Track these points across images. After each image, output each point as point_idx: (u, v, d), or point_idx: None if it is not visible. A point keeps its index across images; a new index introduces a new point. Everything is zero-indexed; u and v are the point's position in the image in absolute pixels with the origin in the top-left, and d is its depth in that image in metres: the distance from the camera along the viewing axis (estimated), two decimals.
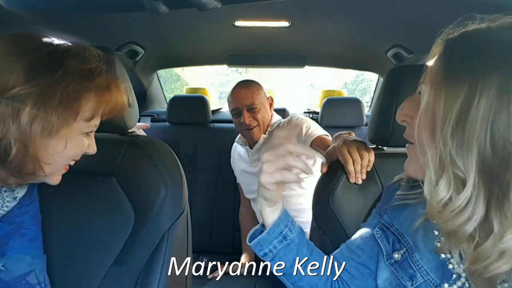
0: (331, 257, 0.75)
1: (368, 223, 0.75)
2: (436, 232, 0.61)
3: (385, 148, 1.00)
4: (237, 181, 1.81)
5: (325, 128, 2.26)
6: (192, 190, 1.93)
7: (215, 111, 2.35)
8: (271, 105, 1.65)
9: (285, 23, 1.31)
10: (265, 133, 1.61)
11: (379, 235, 0.69)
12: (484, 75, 0.44)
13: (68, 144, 0.65)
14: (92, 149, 0.72)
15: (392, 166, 0.93)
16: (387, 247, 0.68)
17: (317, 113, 2.40)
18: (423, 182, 0.52)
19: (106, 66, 0.67)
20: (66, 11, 0.57)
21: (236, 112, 1.59)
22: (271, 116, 1.66)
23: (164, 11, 0.47)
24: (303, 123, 1.48)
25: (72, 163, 0.71)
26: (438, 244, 0.60)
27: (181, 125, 2.13)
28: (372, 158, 0.92)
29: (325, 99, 2.29)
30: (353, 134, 1.02)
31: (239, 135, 1.73)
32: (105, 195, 0.91)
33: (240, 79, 1.74)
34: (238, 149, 1.77)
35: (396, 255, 0.65)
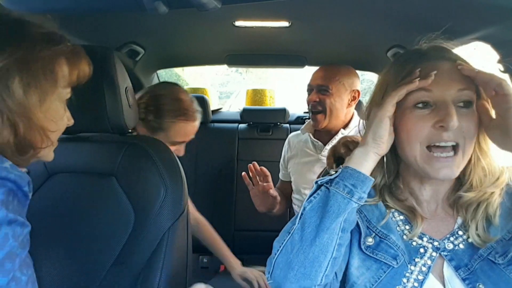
0: None
1: None
2: (400, 228, 0.74)
3: None
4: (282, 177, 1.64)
5: None
6: (192, 190, 1.93)
7: (215, 111, 2.35)
8: (353, 99, 1.47)
9: (285, 23, 1.31)
10: (344, 128, 1.46)
11: (358, 216, 0.73)
12: None
13: (57, 109, 0.65)
14: (72, 121, 0.71)
15: None
16: (364, 229, 0.73)
17: None
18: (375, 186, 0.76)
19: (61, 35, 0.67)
20: (66, 12, 0.57)
21: (308, 88, 1.50)
22: (352, 115, 1.49)
23: (164, 11, 0.47)
24: None
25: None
26: (398, 228, 0.74)
27: None
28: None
29: None
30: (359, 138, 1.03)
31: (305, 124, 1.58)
32: (105, 195, 0.91)
33: (240, 79, 1.74)
34: (300, 137, 1.60)
35: (370, 239, 0.72)
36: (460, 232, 0.72)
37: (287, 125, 2.31)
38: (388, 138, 0.69)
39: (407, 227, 0.74)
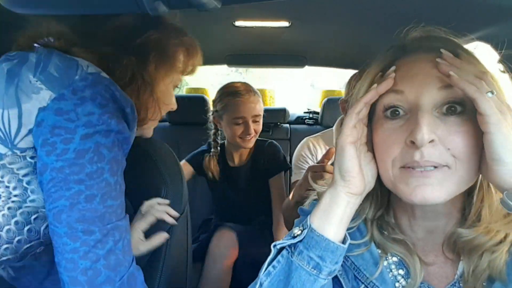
0: None
1: None
2: (392, 273, 0.59)
3: None
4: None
5: (325, 128, 2.27)
6: (192, 190, 1.93)
7: None
8: None
9: (285, 23, 1.31)
10: None
11: (340, 272, 0.59)
12: None
13: (160, 94, 0.77)
14: (175, 106, 0.84)
15: None
16: (348, 284, 0.59)
17: (317, 113, 2.41)
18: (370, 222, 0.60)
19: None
20: (66, 12, 0.57)
21: None
22: None
23: (163, 11, 0.47)
24: None
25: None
26: (390, 274, 0.59)
27: (181, 125, 2.13)
28: None
29: (325, 99, 2.29)
30: None
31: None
32: None
33: (240, 79, 1.74)
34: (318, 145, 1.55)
35: None
36: (462, 284, 0.56)
37: (287, 125, 2.31)
38: (360, 170, 0.53)
39: (402, 271, 0.58)
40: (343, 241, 0.54)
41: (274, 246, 0.55)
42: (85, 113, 0.57)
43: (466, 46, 0.56)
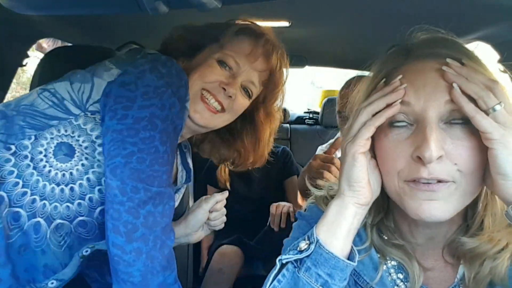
0: None
1: None
2: (391, 277, 0.59)
3: None
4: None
5: (325, 128, 2.27)
6: (191, 190, 1.92)
7: None
8: None
9: (285, 23, 1.31)
10: None
11: None
12: None
13: (200, 66, 0.81)
14: (231, 90, 0.80)
15: None
16: None
17: (317, 113, 2.41)
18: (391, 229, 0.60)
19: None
20: (67, 13, 0.57)
21: None
22: None
23: (164, 11, 0.47)
24: None
25: (211, 100, 0.79)
26: (389, 278, 0.58)
27: None
28: None
29: (325, 99, 2.29)
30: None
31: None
32: None
33: None
34: None
35: None
36: (462, 287, 0.56)
37: (287, 125, 2.31)
38: (368, 180, 0.52)
39: (401, 275, 0.58)
40: (350, 254, 0.54)
41: (279, 260, 0.53)
42: (143, 85, 0.67)
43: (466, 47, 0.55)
